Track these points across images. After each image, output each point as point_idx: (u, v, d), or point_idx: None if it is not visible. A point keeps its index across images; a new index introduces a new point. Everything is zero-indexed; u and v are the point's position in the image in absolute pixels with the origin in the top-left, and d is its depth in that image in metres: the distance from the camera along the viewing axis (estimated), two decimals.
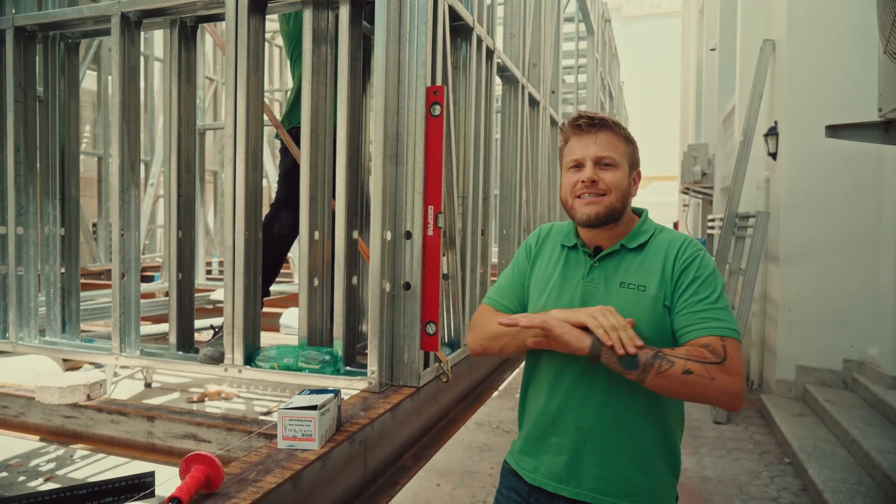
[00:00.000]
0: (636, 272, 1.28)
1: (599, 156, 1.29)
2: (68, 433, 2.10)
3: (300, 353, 1.93)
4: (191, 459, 1.12)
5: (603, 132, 1.30)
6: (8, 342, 2.38)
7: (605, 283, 1.30)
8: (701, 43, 11.25)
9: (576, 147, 1.32)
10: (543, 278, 1.39)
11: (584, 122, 1.31)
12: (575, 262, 1.36)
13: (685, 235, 1.35)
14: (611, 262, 1.32)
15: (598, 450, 1.27)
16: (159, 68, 7.05)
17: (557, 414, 1.31)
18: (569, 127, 1.34)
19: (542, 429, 1.34)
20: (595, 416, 1.27)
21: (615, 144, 1.30)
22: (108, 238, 6.46)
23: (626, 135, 1.34)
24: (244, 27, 1.96)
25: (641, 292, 1.26)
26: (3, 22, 2.29)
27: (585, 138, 1.30)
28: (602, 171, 1.29)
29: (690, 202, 12.55)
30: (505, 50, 3.09)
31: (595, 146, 1.29)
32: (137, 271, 2.25)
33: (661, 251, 1.30)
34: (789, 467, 4.04)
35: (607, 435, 1.27)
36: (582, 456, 1.28)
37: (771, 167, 5.65)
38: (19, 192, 2.35)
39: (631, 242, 1.32)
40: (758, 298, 5.68)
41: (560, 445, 1.31)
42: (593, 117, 1.31)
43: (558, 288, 1.34)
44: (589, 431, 1.28)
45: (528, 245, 1.47)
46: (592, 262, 1.33)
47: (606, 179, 1.28)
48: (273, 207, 2.49)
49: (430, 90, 1.85)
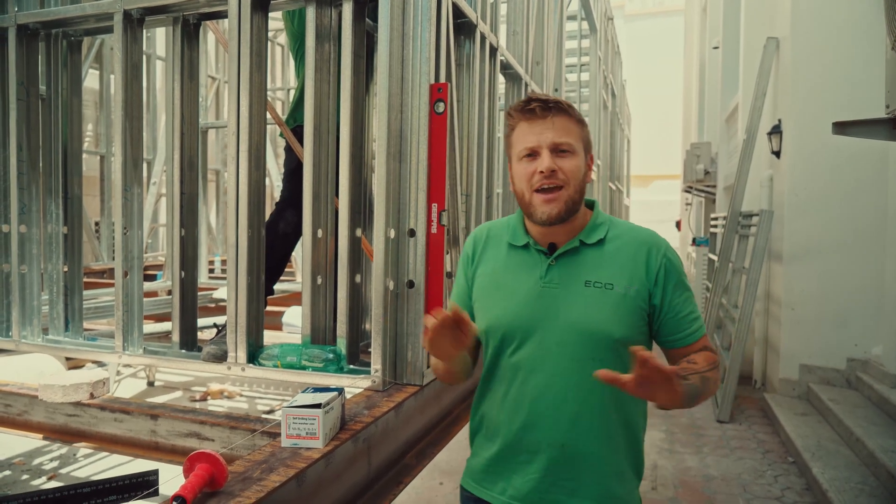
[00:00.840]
0: (600, 270, 1.20)
1: (556, 142, 1.17)
2: (72, 431, 2.10)
3: (303, 351, 1.93)
4: (195, 458, 1.11)
5: (559, 116, 1.18)
6: (11, 340, 2.38)
7: (567, 283, 1.20)
8: (704, 41, 11.22)
9: (528, 133, 1.18)
10: (492, 284, 1.27)
11: (537, 107, 1.18)
12: (528, 263, 1.24)
13: (647, 229, 1.27)
14: (569, 259, 1.22)
15: (573, 465, 1.19)
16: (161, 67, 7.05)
17: (525, 430, 1.21)
18: (519, 112, 1.21)
19: (509, 447, 1.23)
20: (569, 431, 1.19)
21: (570, 128, 1.19)
22: (110, 237, 6.46)
23: (579, 116, 1.23)
24: (247, 24, 1.95)
25: (609, 290, 1.18)
26: (5, 20, 2.29)
27: (539, 124, 1.18)
28: (560, 158, 1.17)
29: (693, 201, 12.52)
30: (508, 47, 3.08)
31: (551, 132, 1.17)
32: (140, 270, 2.25)
33: (629, 247, 1.22)
34: (793, 466, 4.03)
35: (582, 448, 1.19)
36: (556, 472, 1.20)
37: (774, 165, 5.63)
38: (22, 191, 2.34)
39: (589, 238, 1.22)
40: (761, 297, 5.67)
41: (530, 464, 1.21)
42: (547, 100, 1.19)
43: (512, 292, 1.23)
44: (562, 447, 1.19)
45: (466, 255, 1.34)
46: (549, 262, 1.22)
47: (566, 168, 1.17)
48: (278, 206, 2.49)
49: (434, 87, 1.84)
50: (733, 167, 6.92)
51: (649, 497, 3.56)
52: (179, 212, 2.19)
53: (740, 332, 5.18)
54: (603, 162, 7.48)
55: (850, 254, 5.00)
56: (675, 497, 3.57)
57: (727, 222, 6.13)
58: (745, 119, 6.06)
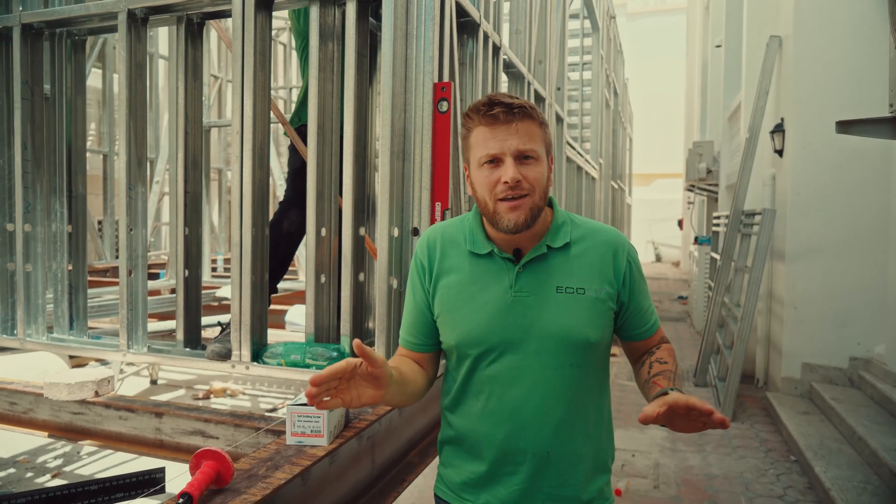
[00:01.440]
0: (570, 275, 1.17)
1: (521, 150, 1.11)
2: (77, 429, 2.11)
3: (307, 349, 1.94)
4: (201, 455, 1.12)
5: (522, 121, 1.12)
6: (16, 339, 2.39)
7: (538, 291, 1.16)
8: (706, 39, 11.20)
9: (489, 139, 1.12)
10: (458, 297, 1.20)
11: (501, 112, 1.10)
12: (494, 272, 1.18)
13: (609, 227, 1.26)
14: (537, 266, 1.18)
15: (558, 470, 1.18)
16: (164, 66, 7.07)
17: (509, 442, 1.17)
18: (479, 115, 1.13)
19: (493, 461, 1.19)
20: (553, 437, 1.16)
21: (534, 133, 1.13)
22: (113, 235, 6.48)
23: (541, 118, 1.17)
24: (251, 24, 1.96)
25: (580, 295, 1.16)
26: (9, 19, 2.30)
27: (502, 129, 1.11)
28: (523, 166, 1.12)
29: (695, 199, 12.51)
30: (511, 46, 3.08)
31: (515, 138, 1.11)
32: (144, 268, 2.26)
33: (596, 250, 1.20)
34: (795, 465, 4.03)
35: (567, 453, 1.18)
36: (540, 479, 1.17)
37: (777, 164, 5.63)
38: (27, 190, 2.35)
39: (554, 241, 1.19)
40: (763, 296, 5.67)
41: (515, 474, 1.18)
42: (511, 104, 1.11)
43: (483, 304, 1.17)
44: (548, 455, 1.17)
45: (420, 264, 1.26)
46: (517, 269, 1.17)
47: (530, 177, 1.12)
48: (282, 205, 2.49)
49: (438, 86, 1.84)
50: (736, 166, 6.92)
51: (651, 495, 3.57)
52: (184, 211, 2.19)
53: (742, 331, 5.18)
54: (605, 161, 7.47)
55: (852, 252, 5.00)
56: (677, 495, 3.57)
57: (730, 221, 6.13)
58: (748, 118, 6.05)
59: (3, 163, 2.39)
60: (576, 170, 5.45)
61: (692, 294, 9.42)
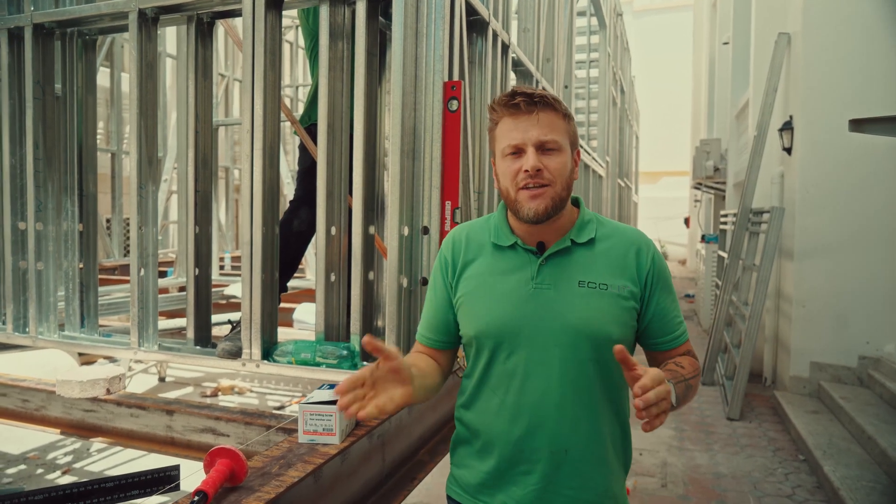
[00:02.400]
0: (592, 269, 1.16)
1: (542, 140, 1.12)
2: (88, 426, 2.13)
3: (317, 348, 1.94)
4: (215, 453, 1.12)
5: (544, 111, 1.13)
6: (28, 337, 2.41)
7: (560, 284, 1.16)
8: (713, 37, 11.15)
9: (513, 130, 1.14)
10: (479, 288, 1.20)
11: (522, 101, 1.12)
12: (517, 263, 1.19)
13: (634, 228, 1.25)
14: (560, 259, 1.17)
15: (576, 470, 1.15)
16: (171, 65, 7.09)
17: (526, 439, 1.16)
18: (503, 106, 1.15)
19: (508, 459, 1.17)
20: (571, 435, 1.15)
21: (556, 124, 1.14)
22: (121, 234, 6.51)
23: (565, 111, 1.18)
24: (261, 23, 1.96)
25: (603, 291, 1.15)
26: (21, 19, 2.31)
27: (524, 119, 1.13)
28: (545, 156, 1.13)
29: (702, 198, 12.46)
30: (519, 44, 3.08)
31: (536, 129, 1.12)
32: (155, 266, 2.27)
33: (619, 247, 1.19)
34: (804, 464, 4.02)
35: (585, 452, 1.16)
36: (557, 480, 1.15)
37: (786, 162, 5.60)
38: (38, 189, 2.37)
39: (579, 237, 1.19)
40: (771, 294, 5.64)
41: (530, 473, 1.16)
42: (532, 94, 1.13)
43: (503, 294, 1.17)
44: (565, 453, 1.15)
45: (445, 260, 1.27)
46: (540, 261, 1.17)
47: (551, 167, 1.13)
48: (292, 204, 2.50)
49: (448, 85, 1.84)
50: (743, 164, 6.88)
51: (659, 494, 3.57)
52: (194, 209, 2.20)
53: (750, 330, 5.16)
54: (612, 158, 7.46)
55: (861, 250, 4.97)
56: (685, 494, 3.57)
57: (737, 219, 6.10)
58: (756, 115, 6.02)
59: (16, 162, 2.40)
60: (583, 168, 5.44)
61: (699, 292, 9.39)
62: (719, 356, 6.15)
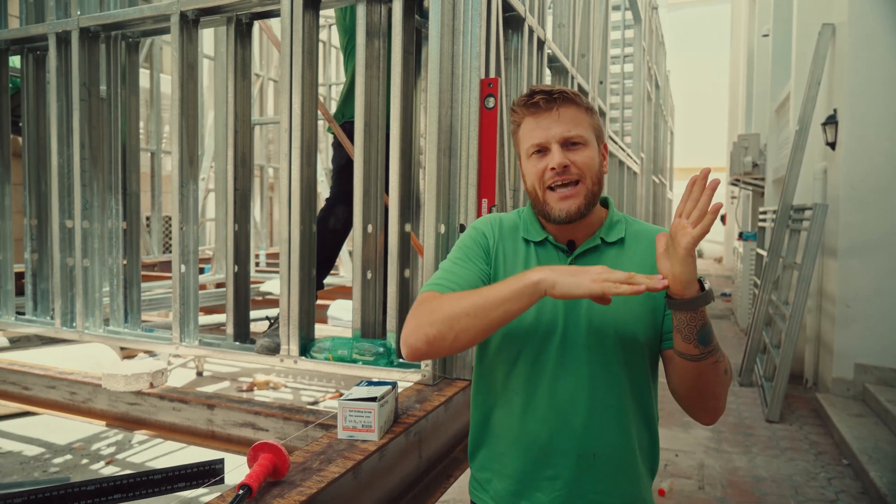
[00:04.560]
0: (622, 269, 1.11)
1: (566, 136, 1.10)
2: (132, 419, 2.18)
3: (354, 345, 1.96)
4: (258, 448, 1.14)
5: (565, 107, 1.11)
6: (75, 331, 2.48)
7: None
8: (752, 29, 10.87)
9: (535, 129, 1.12)
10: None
11: (541, 99, 1.11)
12: (546, 260, 1.16)
13: (662, 228, 1.20)
14: (590, 258, 1.15)
15: (603, 474, 1.11)
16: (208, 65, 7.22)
17: (553, 441, 1.12)
18: (522, 106, 1.14)
19: (534, 462, 1.13)
20: (599, 438, 1.11)
21: (580, 119, 1.12)
22: (160, 231, 6.67)
23: (588, 104, 1.15)
24: (299, 23, 1.98)
25: None
26: (68, 23, 2.38)
27: (545, 117, 1.11)
28: (571, 152, 1.10)
29: (740, 194, 12.17)
30: (554, 40, 3.05)
31: (559, 125, 1.10)
32: (196, 263, 2.31)
33: (649, 248, 1.15)
34: (848, 469, 3.90)
35: (612, 456, 1.12)
36: (583, 484, 1.11)
37: (829, 157, 5.43)
38: (85, 188, 2.44)
39: (609, 236, 1.16)
40: (813, 293, 5.49)
41: (556, 479, 1.12)
42: (551, 91, 1.12)
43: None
44: (593, 457, 1.11)
45: (482, 233, 1.22)
46: (570, 260, 1.15)
47: (579, 162, 1.10)
48: (328, 202, 2.53)
49: (485, 82, 1.84)
50: (784, 159, 6.70)
51: (696, 496, 3.50)
52: (233, 207, 2.24)
53: (791, 330, 5.02)
54: (646, 155, 7.33)
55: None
56: (723, 497, 3.50)
57: (777, 216, 5.94)
58: (798, 109, 5.85)
59: (63, 162, 2.48)
60: (617, 164, 5.36)
61: (736, 291, 9.18)
62: (758, 357, 6.00)
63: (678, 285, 0.96)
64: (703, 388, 1.07)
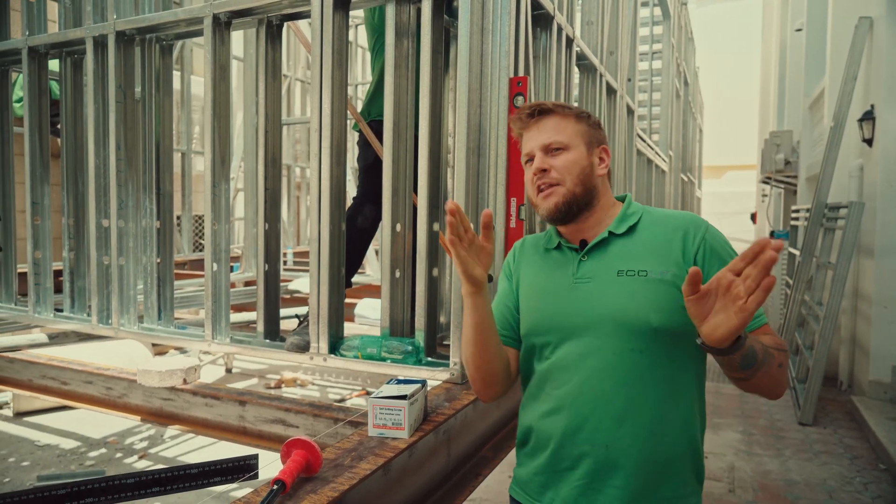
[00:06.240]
0: (632, 257, 1.17)
1: (545, 143, 1.21)
2: (166, 415, 2.23)
3: (383, 343, 1.97)
4: (291, 444, 1.16)
5: (545, 118, 1.23)
6: (111, 328, 2.54)
7: (599, 276, 1.18)
8: (785, 23, 10.63)
9: (526, 141, 1.26)
10: (530, 288, 1.27)
11: (524, 114, 1.25)
12: (561, 262, 1.25)
13: (687, 212, 1.23)
14: (600, 252, 1.21)
15: (618, 466, 1.12)
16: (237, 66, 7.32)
17: (569, 434, 1.16)
18: (514, 125, 1.29)
19: (554, 454, 1.17)
20: (614, 430, 1.12)
21: (562, 126, 1.22)
22: (190, 230, 6.79)
23: (577, 112, 1.25)
24: (329, 24, 2.00)
25: (642, 277, 1.14)
26: (105, 27, 2.44)
27: (532, 129, 1.25)
28: (551, 157, 1.21)
29: (771, 192, 11.91)
30: (583, 37, 3.02)
31: (540, 134, 1.23)
32: (227, 262, 2.35)
33: (663, 233, 1.18)
34: (885, 474, 3.80)
35: (628, 447, 1.12)
36: (601, 477, 1.13)
37: (865, 154, 5.29)
38: (120, 188, 2.50)
39: (618, 228, 1.21)
40: (848, 294, 5.35)
41: (574, 469, 1.15)
42: (534, 106, 1.25)
43: (547, 292, 1.23)
44: (606, 448, 1.13)
45: (507, 264, 1.37)
46: (580, 258, 1.22)
47: (557, 165, 1.20)
48: (355, 201, 2.54)
49: (514, 81, 1.83)
50: (818, 156, 6.55)
51: (727, 499, 3.45)
52: (264, 207, 2.27)
53: (825, 331, 4.91)
54: (675, 153, 7.23)
55: None
56: (754, 500, 3.43)
57: (811, 215, 5.81)
58: (833, 105, 5.71)
59: (100, 162, 2.54)
60: (646, 162, 5.29)
61: None
62: (791, 358, 5.88)
63: (713, 337, 0.95)
64: (760, 389, 1.09)
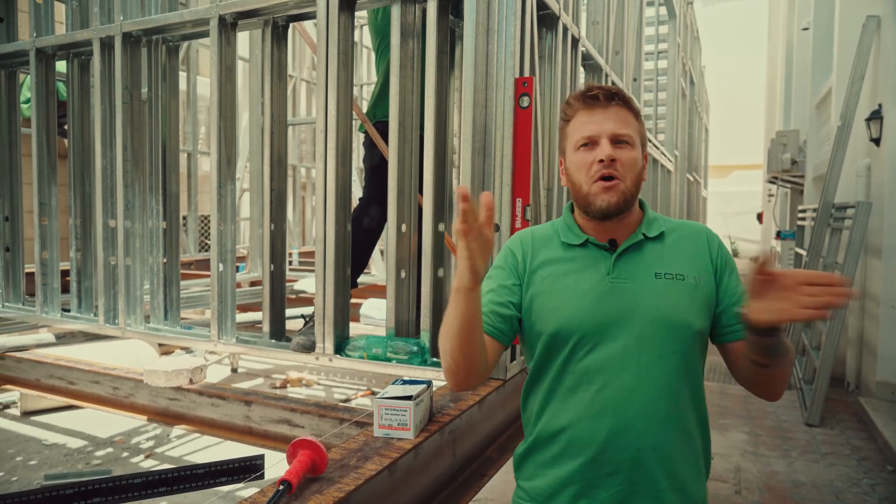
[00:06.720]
0: (667, 261, 1.16)
1: (616, 133, 1.14)
2: (172, 414, 2.24)
3: (388, 343, 1.97)
4: (297, 444, 1.16)
5: (619, 106, 1.16)
6: (117, 328, 2.56)
7: (636, 277, 1.14)
8: (791, 22, 10.59)
9: (588, 123, 1.15)
10: (555, 286, 1.17)
11: (600, 93, 1.15)
12: (590, 260, 1.17)
13: (695, 222, 1.24)
14: (634, 254, 1.17)
15: (662, 469, 1.10)
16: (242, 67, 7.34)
17: (613, 438, 1.10)
18: (578, 100, 1.18)
19: (593, 461, 1.12)
20: (660, 432, 1.10)
21: (629, 121, 1.16)
22: (196, 230, 6.81)
23: (638, 110, 1.20)
24: (335, 25, 2.00)
25: (680, 281, 1.13)
26: (112, 28, 2.45)
27: (600, 112, 1.15)
28: (619, 149, 1.14)
29: (777, 192, 11.87)
30: (588, 37, 3.02)
31: (612, 121, 1.14)
32: (233, 262, 2.36)
33: (688, 239, 1.19)
34: (893, 475, 3.77)
35: (671, 450, 1.10)
36: (644, 480, 1.10)
37: (873, 154, 5.26)
38: (127, 188, 2.51)
39: (651, 231, 1.18)
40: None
41: (616, 474, 1.11)
42: (609, 89, 1.17)
43: (581, 291, 1.15)
44: (653, 450, 1.10)
45: (510, 255, 1.24)
46: (615, 257, 1.16)
47: (624, 160, 1.13)
48: (361, 202, 2.55)
49: (519, 81, 1.83)
50: (825, 156, 6.51)
51: (733, 501, 3.43)
52: (269, 207, 2.27)
53: (832, 332, 4.88)
54: (680, 152, 7.21)
55: None
56: (760, 502, 3.42)
57: (818, 214, 5.78)
58: (840, 104, 5.68)
59: (107, 163, 2.55)
60: (651, 162, 5.29)
61: None
62: (797, 358, 5.85)
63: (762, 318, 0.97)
64: (769, 383, 1.11)
